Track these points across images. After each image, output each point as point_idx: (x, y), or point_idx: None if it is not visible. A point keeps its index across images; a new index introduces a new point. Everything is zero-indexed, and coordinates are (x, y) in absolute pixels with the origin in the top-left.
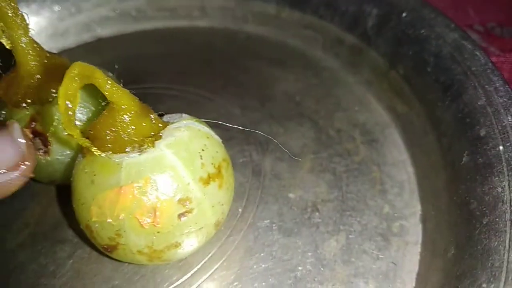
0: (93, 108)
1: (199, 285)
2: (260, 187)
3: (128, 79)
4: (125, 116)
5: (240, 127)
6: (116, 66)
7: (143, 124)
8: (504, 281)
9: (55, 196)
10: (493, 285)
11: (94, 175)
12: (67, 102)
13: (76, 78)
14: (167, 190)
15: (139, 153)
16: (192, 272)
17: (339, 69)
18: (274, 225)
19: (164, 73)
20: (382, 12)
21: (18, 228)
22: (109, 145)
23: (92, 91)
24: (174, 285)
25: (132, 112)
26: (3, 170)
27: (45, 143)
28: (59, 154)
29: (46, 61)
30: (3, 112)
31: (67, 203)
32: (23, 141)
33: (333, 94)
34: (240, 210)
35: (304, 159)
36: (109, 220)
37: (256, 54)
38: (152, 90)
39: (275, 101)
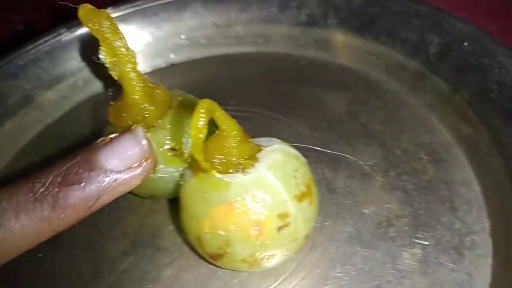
0: (188, 133)
1: None
2: (336, 204)
3: None
4: (232, 141)
5: (326, 150)
6: None
7: (244, 148)
8: None
9: (150, 209)
10: None
11: (206, 192)
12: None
13: (203, 113)
14: (270, 206)
15: (242, 173)
16: (281, 279)
17: (401, 92)
18: (352, 238)
19: (233, 96)
20: (443, 41)
21: (118, 237)
22: (218, 166)
23: (188, 117)
24: None
25: (238, 138)
26: (127, 168)
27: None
28: (163, 172)
29: (149, 90)
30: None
31: (162, 216)
32: (146, 142)
33: (397, 116)
34: (318, 224)
35: (375, 177)
36: (220, 231)
37: (318, 78)
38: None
39: (342, 122)
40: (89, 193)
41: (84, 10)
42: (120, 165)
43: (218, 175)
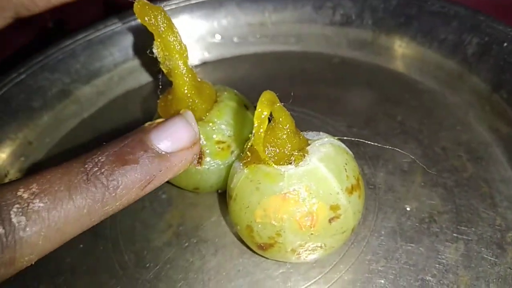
0: (234, 126)
1: (333, 283)
2: (377, 199)
3: None
4: (285, 134)
5: (377, 144)
6: None
7: (295, 141)
8: None
9: (192, 202)
10: None
11: (259, 183)
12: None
13: (266, 104)
14: (322, 197)
15: (295, 165)
16: (326, 271)
17: (437, 92)
18: (395, 233)
19: None
20: (482, 42)
21: (162, 229)
22: (271, 158)
23: (235, 112)
24: (311, 282)
25: (290, 130)
26: (179, 149)
27: (199, 155)
28: (209, 164)
29: (197, 84)
30: None
31: (204, 208)
32: (196, 124)
33: (434, 115)
34: (361, 218)
35: (415, 173)
36: (273, 221)
37: (351, 77)
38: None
39: (378, 120)
40: (143, 173)
41: (140, 4)
42: (172, 146)
43: (274, 166)
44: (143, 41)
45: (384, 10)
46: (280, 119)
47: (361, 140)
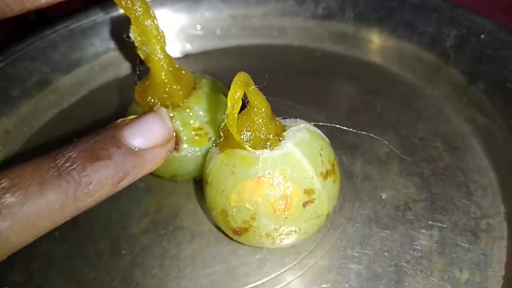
0: (211, 113)
1: (308, 268)
2: (354, 187)
3: None
4: (261, 118)
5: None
6: None
7: (271, 126)
8: None
9: (169, 190)
10: None
11: (235, 167)
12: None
13: (240, 85)
14: (297, 181)
15: (270, 150)
16: (302, 257)
17: (416, 84)
18: (371, 220)
19: None
20: (460, 34)
21: (138, 217)
22: (247, 142)
23: (213, 100)
24: (286, 267)
25: (267, 115)
26: (152, 146)
27: (176, 141)
28: (187, 151)
29: (175, 71)
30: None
31: (181, 196)
32: (169, 121)
33: (413, 106)
34: (337, 206)
35: (392, 163)
36: (247, 205)
37: (333, 69)
38: None
39: (358, 112)
40: (116, 169)
41: None
42: (146, 143)
43: (249, 150)
44: (125, 31)
45: (365, 4)
46: (255, 102)
47: (336, 125)
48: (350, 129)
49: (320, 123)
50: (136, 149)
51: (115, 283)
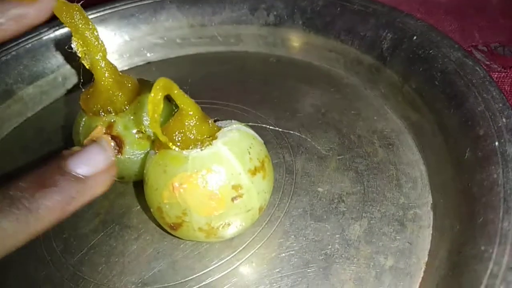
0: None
1: (245, 259)
2: (293, 183)
3: None
4: (191, 120)
5: (280, 129)
6: None
7: (203, 127)
8: (498, 244)
9: (120, 191)
10: (489, 247)
11: (166, 166)
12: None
13: (160, 90)
14: (224, 177)
15: (201, 149)
16: (239, 249)
17: (359, 85)
18: (306, 213)
19: (206, 91)
20: (395, 36)
21: (89, 217)
22: (178, 143)
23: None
24: (225, 260)
25: (196, 117)
26: (95, 173)
27: (119, 145)
28: (130, 154)
29: (118, 78)
30: (84, 119)
31: (131, 197)
32: (110, 150)
33: (354, 106)
34: (277, 201)
35: (331, 159)
36: (178, 201)
37: (285, 74)
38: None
39: (304, 113)
40: (62, 195)
41: (58, 3)
42: (89, 170)
43: (177, 150)
44: None
45: (311, 11)
46: (182, 105)
47: (266, 126)
48: (276, 128)
49: (252, 124)
50: (80, 176)
51: (64, 280)
